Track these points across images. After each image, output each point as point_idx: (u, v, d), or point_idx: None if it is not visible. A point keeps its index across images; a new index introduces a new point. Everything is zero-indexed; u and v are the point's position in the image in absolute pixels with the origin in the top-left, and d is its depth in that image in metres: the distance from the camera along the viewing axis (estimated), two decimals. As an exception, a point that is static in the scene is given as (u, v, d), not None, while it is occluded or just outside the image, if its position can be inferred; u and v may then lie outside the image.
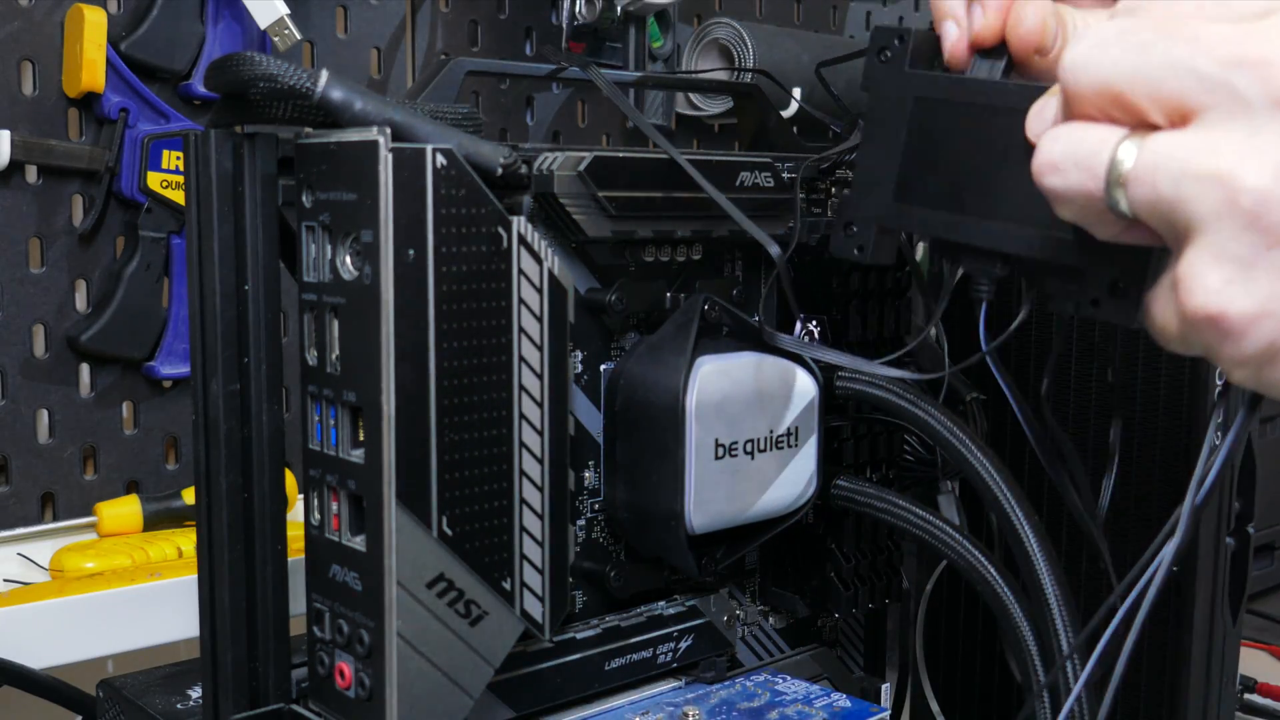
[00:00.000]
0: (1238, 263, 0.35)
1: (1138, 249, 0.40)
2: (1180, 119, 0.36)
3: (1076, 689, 0.51)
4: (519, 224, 0.50)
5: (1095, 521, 0.58)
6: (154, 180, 0.82)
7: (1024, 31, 0.48)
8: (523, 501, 0.51)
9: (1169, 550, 0.42)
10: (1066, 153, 0.38)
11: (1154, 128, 0.37)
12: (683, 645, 0.62)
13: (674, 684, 0.63)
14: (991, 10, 0.48)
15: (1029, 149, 0.40)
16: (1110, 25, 0.38)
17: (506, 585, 0.51)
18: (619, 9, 0.94)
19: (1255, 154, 0.34)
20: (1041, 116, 0.41)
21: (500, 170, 0.50)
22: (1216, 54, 0.35)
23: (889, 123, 0.50)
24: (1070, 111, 0.39)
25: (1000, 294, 0.50)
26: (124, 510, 0.81)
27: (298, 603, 0.54)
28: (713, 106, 1.06)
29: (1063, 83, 0.39)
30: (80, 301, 0.83)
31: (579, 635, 0.58)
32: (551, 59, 0.61)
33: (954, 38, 0.49)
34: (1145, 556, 0.44)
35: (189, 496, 0.82)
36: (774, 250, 0.56)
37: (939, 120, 0.49)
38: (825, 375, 0.61)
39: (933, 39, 0.51)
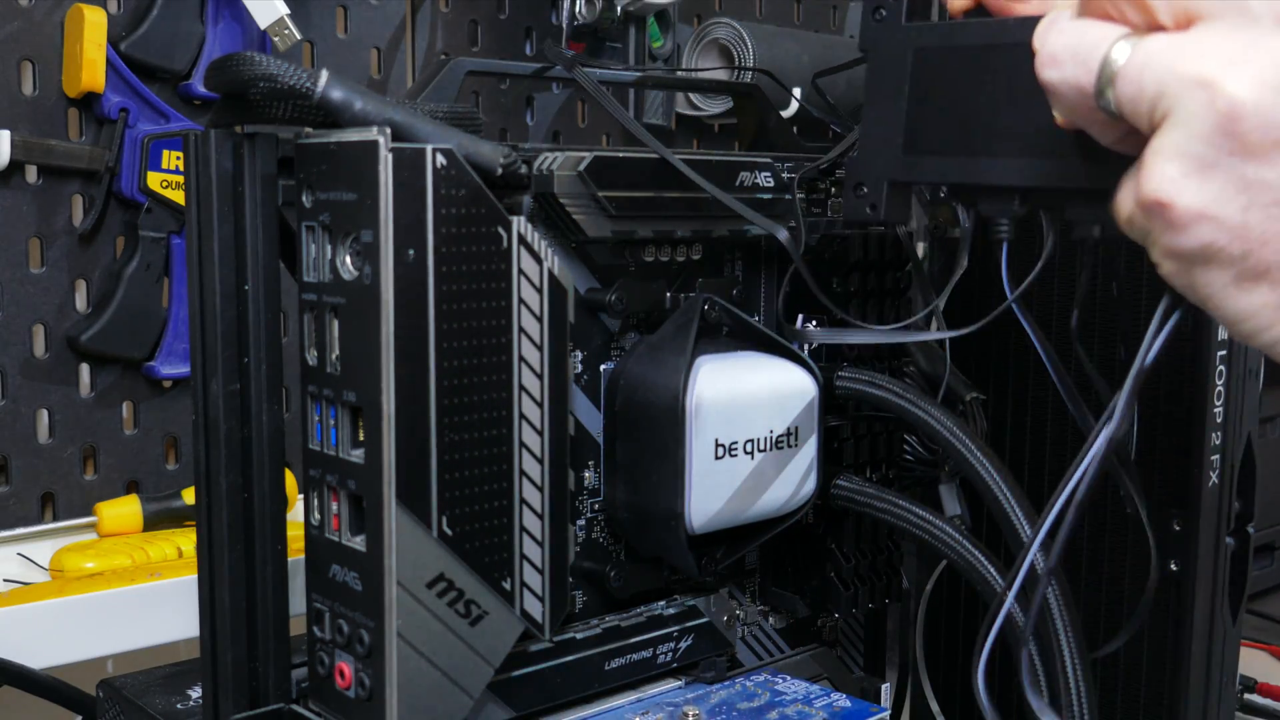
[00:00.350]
0: (1198, 161, 0.36)
1: None
2: (1185, 22, 0.37)
3: (1077, 695, 0.51)
4: (519, 224, 0.50)
5: (1129, 470, 0.58)
6: (154, 180, 0.82)
7: None
8: (523, 501, 0.51)
9: (1104, 435, 0.44)
10: (1066, 45, 0.39)
11: (1159, 31, 0.38)
12: (683, 645, 0.62)
13: (674, 684, 0.63)
14: None
15: (1033, 81, 0.41)
16: None
17: (506, 585, 0.51)
18: (619, 9, 0.94)
19: (1244, 64, 0.36)
20: (1055, 24, 0.41)
21: (500, 170, 0.50)
22: None
23: (891, 79, 0.51)
24: (1085, 7, 0.40)
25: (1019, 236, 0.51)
26: (124, 510, 0.81)
27: (298, 603, 0.54)
28: (713, 106, 1.06)
29: None
30: (80, 301, 0.83)
31: (579, 635, 0.58)
32: (554, 57, 0.61)
33: None
34: (1087, 444, 0.46)
35: (189, 496, 0.82)
36: (781, 235, 0.56)
37: (941, 68, 0.50)
38: (825, 375, 0.61)
39: None
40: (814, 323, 0.64)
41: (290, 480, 0.72)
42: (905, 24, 0.51)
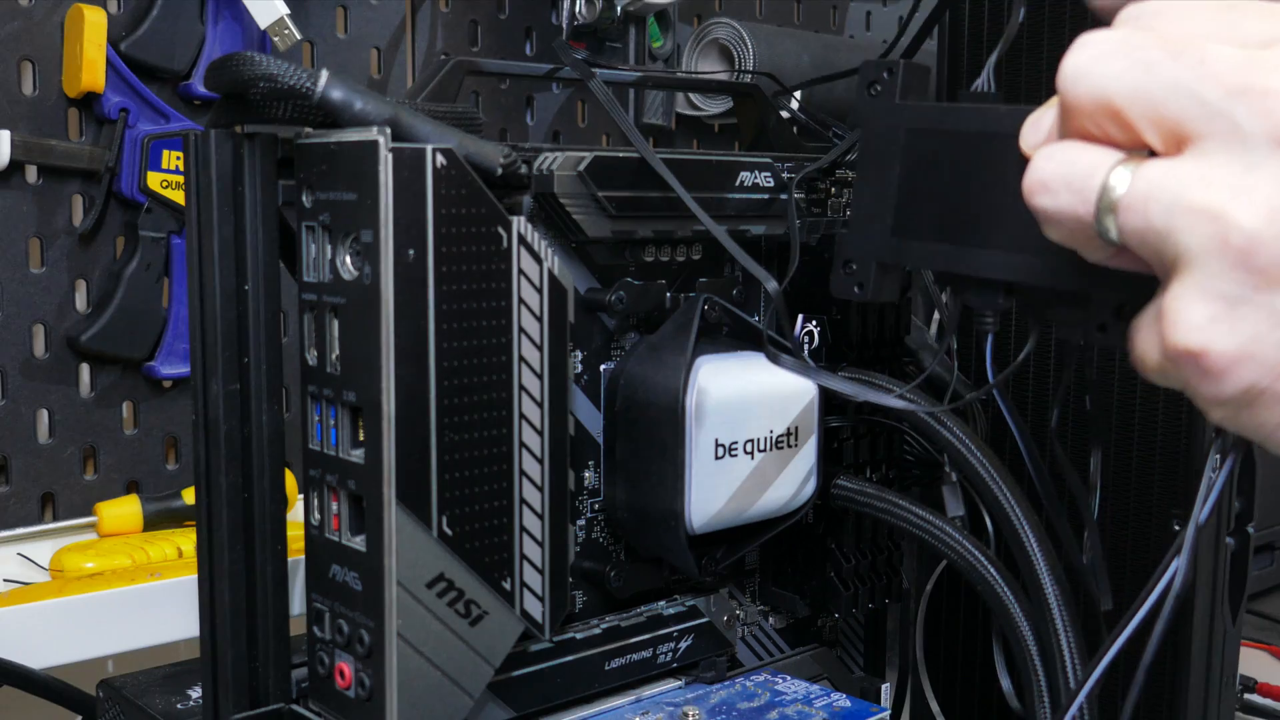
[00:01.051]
0: (1224, 300, 0.34)
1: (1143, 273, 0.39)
2: (1176, 145, 0.35)
3: (1080, 697, 0.51)
4: (519, 224, 0.50)
5: (1096, 569, 0.57)
6: (154, 180, 0.82)
7: None
8: (523, 501, 0.51)
9: (1178, 566, 0.42)
10: (1058, 173, 0.37)
11: (1149, 150, 0.36)
12: (683, 645, 0.62)
13: (674, 684, 0.63)
14: None
15: (1024, 173, 0.39)
16: (1114, 35, 0.36)
17: (506, 585, 0.51)
18: (619, 9, 0.94)
19: (1249, 190, 0.33)
20: (1037, 127, 0.40)
21: (500, 170, 0.50)
22: (1222, 80, 0.34)
23: (883, 157, 0.50)
24: (1066, 124, 0.38)
25: (1005, 323, 0.50)
26: (124, 510, 0.81)
27: (298, 603, 0.54)
28: (713, 106, 1.06)
29: (1060, 91, 0.37)
30: (80, 301, 0.83)
31: (579, 635, 0.58)
32: (563, 57, 0.61)
33: None
34: (1153, 579, 0.44)
35: (189, 496, 0.82)
36: (771, 286, 0.56)
37: (933, 151, 0.48)
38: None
39: (922, 71, 0.51)
40: (814, 323, 0.64)
41: (290, 480, 0.73)
42: (899, 102, 0.50)
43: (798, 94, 0.97)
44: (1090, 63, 0.36)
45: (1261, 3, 0.36)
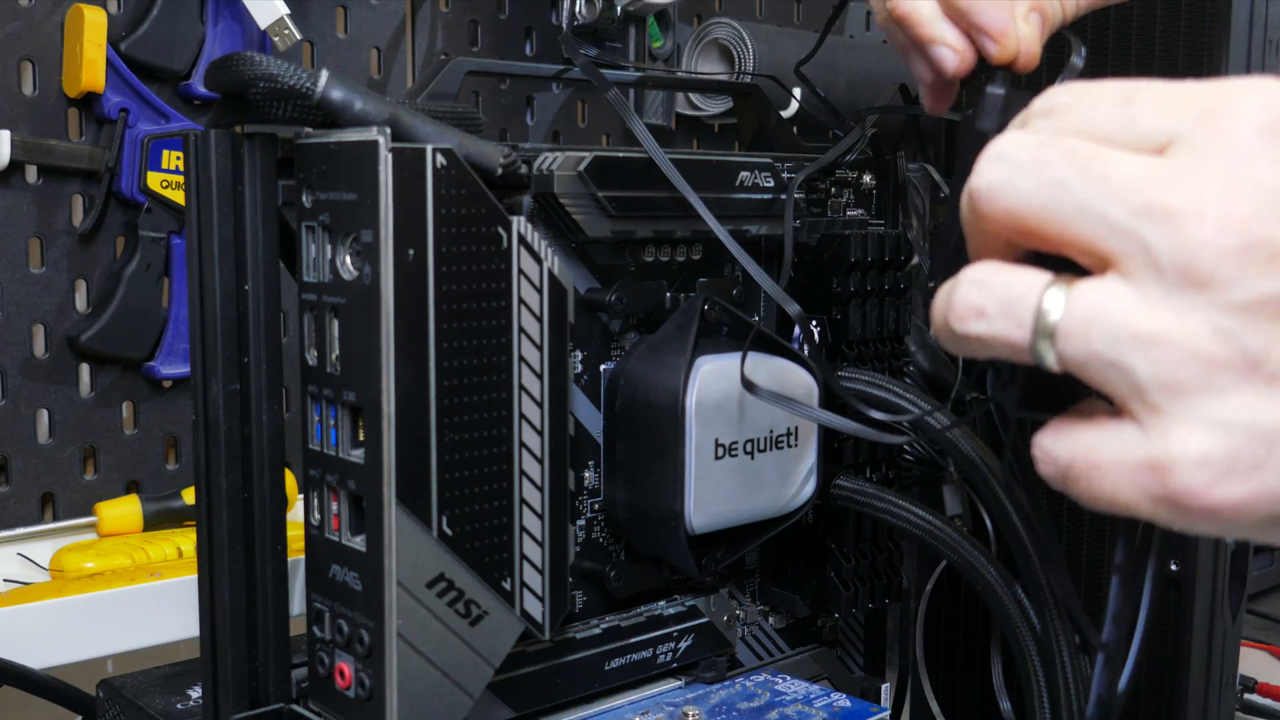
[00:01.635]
0: (1222, 428, 0.32)
1: None
2: (1098, 264, 0.34)
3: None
4: (519, 224, 0.50)
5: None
6: (154, 180, 0.82)
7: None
8: (523, 501, 0.51)
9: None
10: (991, 298, 0.35)
11: (1076, 265, 0.35)
12: (683, 645, 0.62)
13: (674, 684, 0.63)
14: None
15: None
16: (1024, 149, 0.35)
17: (506, 585, 0.51)
18: (619, 9, 0.94)
19: (1182, 315, 0.32)
20: (965, 275, 0.37)
21: (500, 170, 0.50)
22: (1126, 200, 0.33)
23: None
24: (983, 241, 0.37)
25: None
26: (124, 510, 0.81)
27: (298, 603, 0.54)
28: (713, 106, 1.06)
29: (973, 209, 0.36)
30: (80, 301, 0.83)
31: (579, 635, 0.58)
32: (570, 52, 0.61)
33: (952, 61, 0.50)
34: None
35: (189, 496, 0.82)
36: (793, 310, 0.56)
37: None
38: (825, 375, 0.61)
39: (1025, 98, 0.51)
40: (814, 322, 0.64)
41: (290, 480, 0.73)
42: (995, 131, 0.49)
43: (797, 92, 0.97)
44: (1002, 182, 0.35)
45: (1158, 88, 0.35)
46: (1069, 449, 0.36)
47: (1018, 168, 0.35)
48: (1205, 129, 0.33)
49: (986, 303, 0.35)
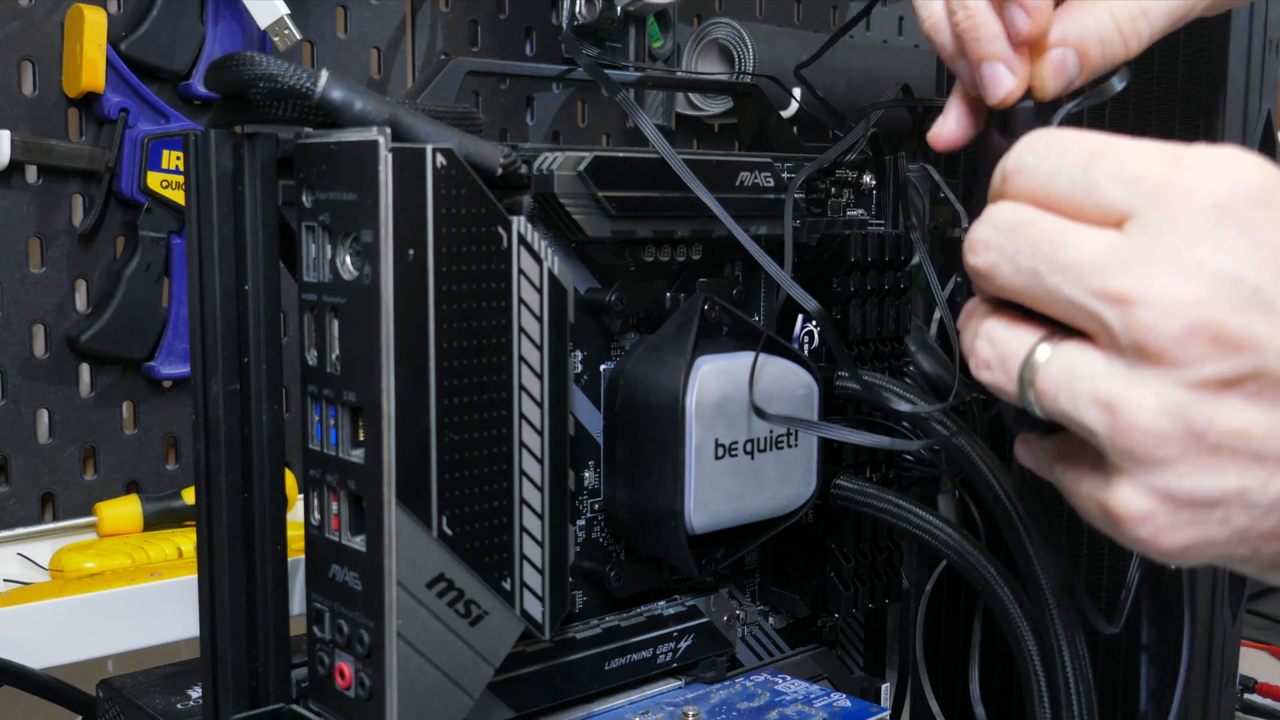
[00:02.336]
0: (1157, 495, 0.36)
1: None
2: (1078, 331, 0.38)
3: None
4: (519, 224, 0.50)
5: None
6: (154, 180, 0.82)
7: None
8: (523, 501, 0.51)
9: None
10: (988, 352, 0.40)
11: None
12: (683, 645, 0.62)
13: (674, 684, 0.63)
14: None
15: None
16: (999, 233, 0.39)
17: (506, 585, 0.51)
18: (619, 9, 0.94)
19: (1136, 388, 0.36)
20: (978, 333, 0.42)
21: (500, 170, 0.50)
22: (1086, 285, 0.36)
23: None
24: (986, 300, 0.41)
25: None
26: (124, 510, 0.81)
27: (298, 603, 0.54)
28: (713, 106, 1.06)
29: (974, 282, 0.41)
30: (80, 301, 0.83)
31: (579, 635, 0.58)
32: (571, 52, 0.61)
33: (1009, 85, 0.50)
34: None
35: (189, 496, 0.82)
36: (811, 305, 0.56)
37: None
38: (825, 375, 0.61)
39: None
40: (814, 323, 0.64)
41: (290, 480, 0.73)
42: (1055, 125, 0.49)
43: (797, 92, 0.97)
44: (987, 269, 0.40)
45: (1117, 155, 0.38)
46: (1060, 470, 0.41)
47: (998, 257, 0.39)
48: (1156, 210, 0.36)
49: (991, 357, 0.40)
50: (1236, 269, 0.35)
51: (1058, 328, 0.38)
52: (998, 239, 0.39)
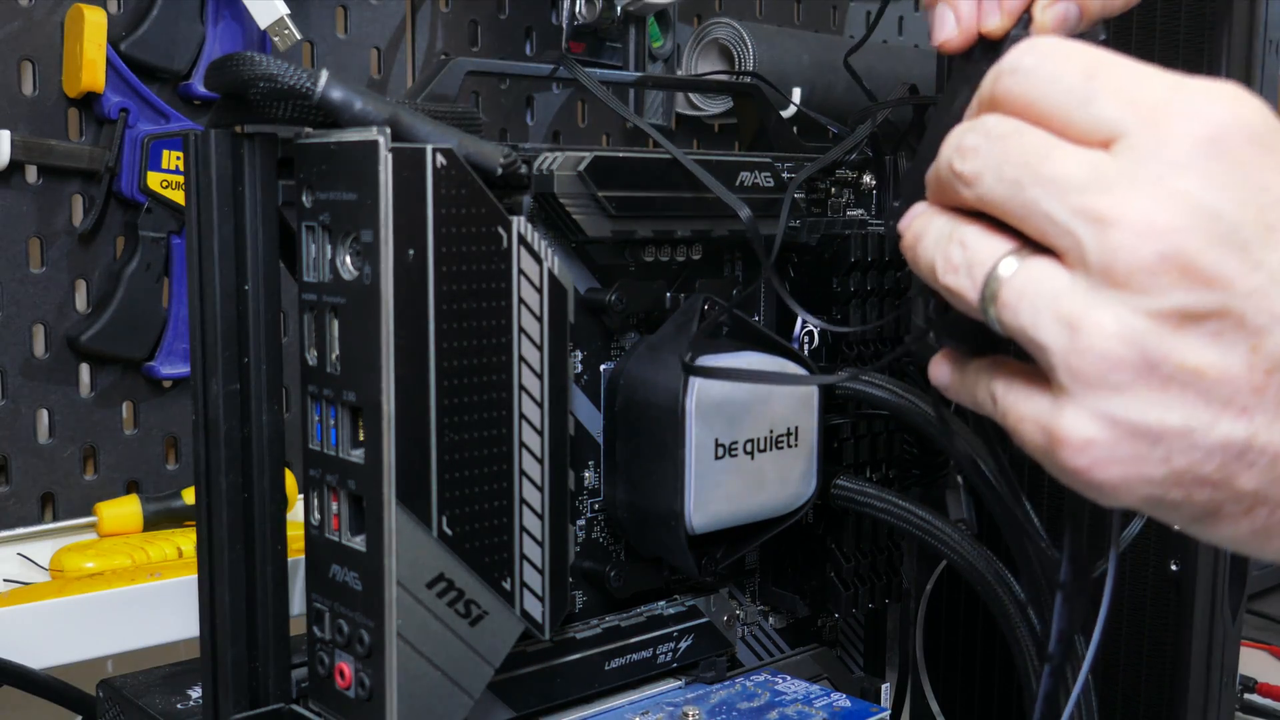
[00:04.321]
0: (1102, 419, 0.35)
1: None
2: (1048, 249, 0.37)
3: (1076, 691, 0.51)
4: (519, 224, 0.50)
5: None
6: (154, 180, 0.82)
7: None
8: (523, 501, 0.51)
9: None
10: (962, 258, 0.39)
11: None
12: (683, 645, 0.62)
13: (674, 684, 0.63)
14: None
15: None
16: (987, 139, 0.38)
17: (506, 585, 0.51)
18: (619, 9, 0.94)
19: (1097, 309, 0.35)
20: (947, 237, 0.41)
21: (500, 170, 0.50)
22: (1066, 201, 0.36)
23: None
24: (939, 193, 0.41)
25: None
26: (124, 510, 0.81)
27: (298, 603, 0.54)
28: (713, 106, 1.06)
29: (954, 187, 0.39)
30: (80, 301, 0.83)
31: (579, 635, 0.58)
32: (550, 60, 0.61)
33: (948, 32, 0.48)
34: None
35: (189, 496, 0.82)
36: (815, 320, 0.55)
37: None
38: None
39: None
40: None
41: (290, 480, 0.73)
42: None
43: (796, 92, 0.97)
44: (971, 176, 0.38)
45: (1119, 72, 0.37)
46: (1000, 388, 0.40)
47: (983, 165, 0.38)
48: (1148, 133, 0.35)
49: (960, 261, 0.39)
50: (1218, 204, 0.34)
51: (1030, 243, 0.38)
52: (986, 146, 0.38)
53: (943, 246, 0.39)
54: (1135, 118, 0.36)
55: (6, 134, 0.77)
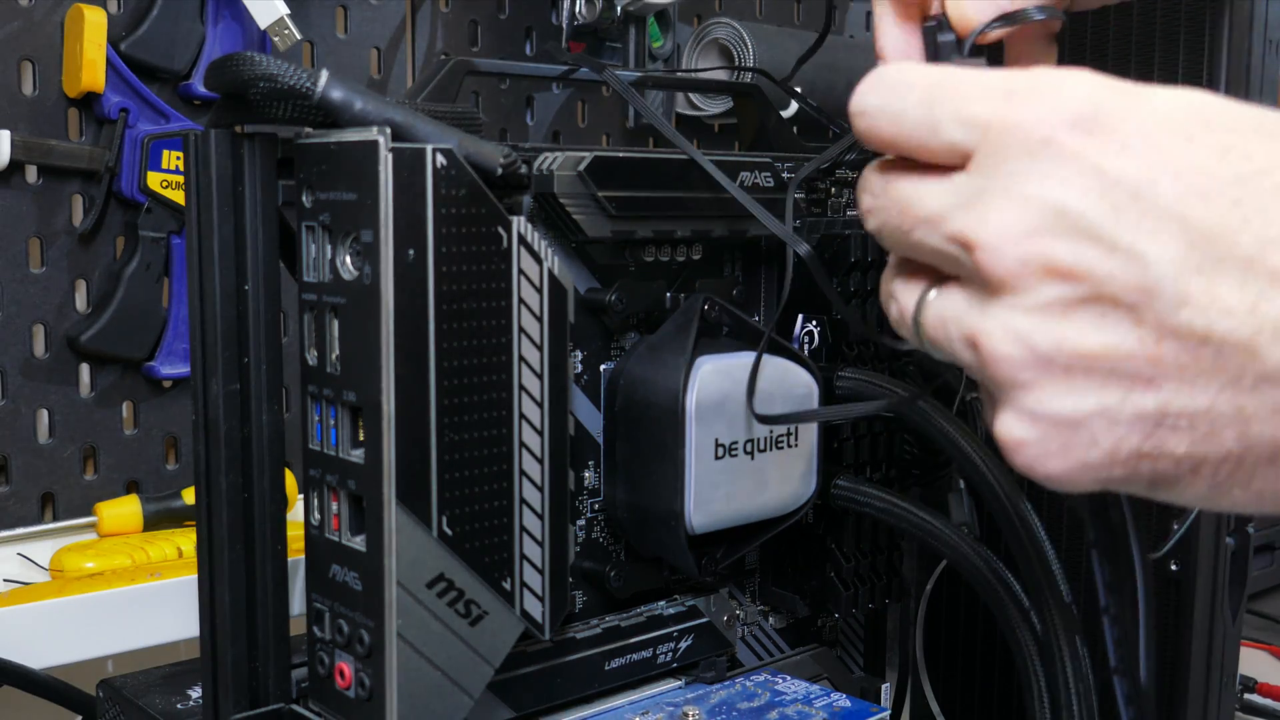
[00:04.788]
0: (1031, 417, 0.37)
1: None
2: (945, 276, 0.40)
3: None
4: (519, 224, 0.50)
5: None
6: (154, 180, 0.82)
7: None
8: (523, 501, 0.51)
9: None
10: (896, 309, 0.42)
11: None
12: (683, 645, 0.62)
13: (674, 684, 0.63)
14: None
15: None
16: (868, 195, 0.41)
17: (506, 585, 0.51)
18: (619, 9, 0.94)
19: (988, 319, 0.37)
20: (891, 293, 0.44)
21: (500, 170, 0.50)
22: (940, 231, 0.38)
23: None
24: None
25: None
26: (124, 510, 0.81)
27: (298, 603, 0.54)
28: (713, 106, 1.06)
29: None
30: (80, 301, 0.83)
31: (579, 635, 0.58)
32: (559, 58, 0.61)
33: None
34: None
35: (189, 496, 0.82)
36: (803, 250, 0.56)
37: None
38: (825, 375, 0.61)
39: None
40: (814, 323, 0.64)
41: (290, 480, 0.73)
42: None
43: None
44: (875, 232, 0.42)
45: (955, 94, 0.39)
46: (981, 412, 0.44)
47: (880, 221, 0.41)
48: (989, 147, 0.38)
49: (896, 314, 0.42)
50: (1061, 198, 0.36)
51: (944, 276, 0.40)
52: (876, 203, 0.41)
53: (886, 304, 0.43)
54: (976, 136, 0.38)
55: (6, 134, 0.77)
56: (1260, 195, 0.35)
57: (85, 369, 0.83)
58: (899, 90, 0.40)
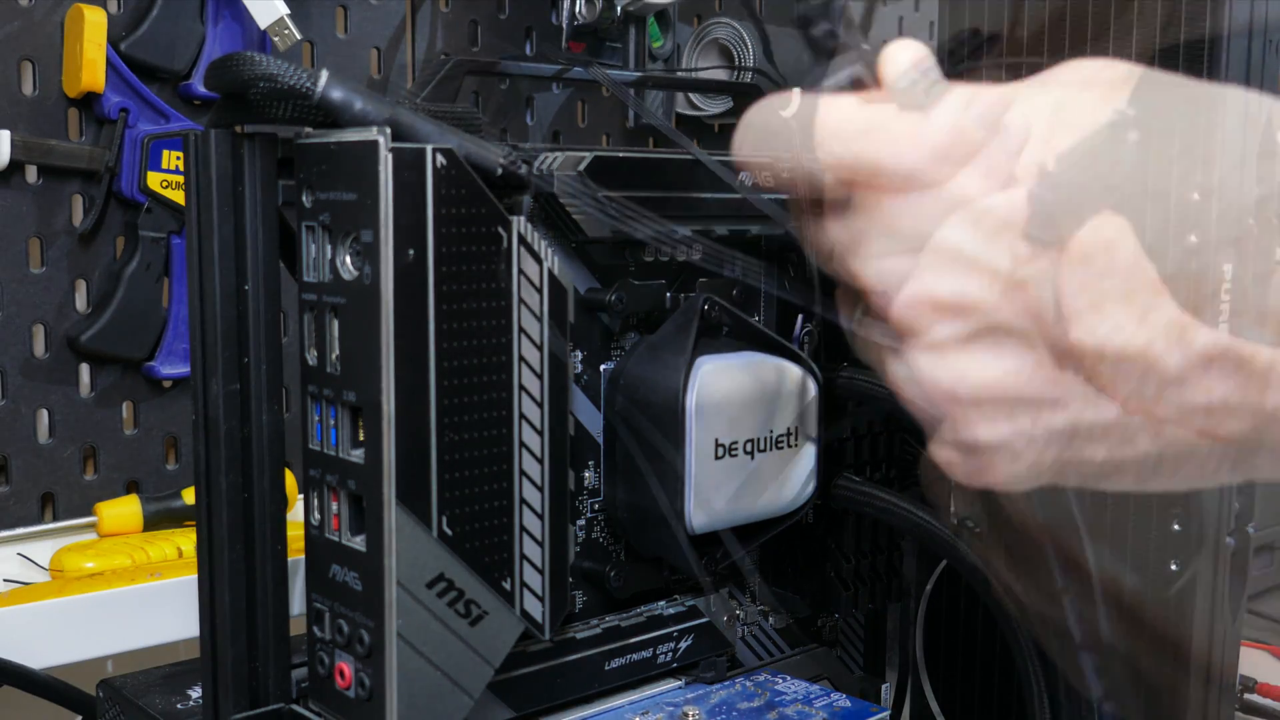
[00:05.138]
0: (950, 447, 0.40)
1: None
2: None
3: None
4: (519, 224, 0.50)
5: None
6: (154, 180, 0.82)
7: None
8: (523, 501, 0.51)
9: None
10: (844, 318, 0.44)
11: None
12: (683, 645, 0.62)
13: (674, 684, 0.63)
14: None
15: None
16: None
17: (506, 585, 0.51)
18: (619, 9, 0.94)
19: (896, 363, 0.40)
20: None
21: (500, 170, 0.50)
22: (842, 267, 0.40)
23: None
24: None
25: None
26: (124, 510, 0.81)
27: (298, 603, 0.54)
28: (713, 106, 1.06)
29: None
30: (80, 301, 0.83)
31: (579, 635, 0.58)
32: (554, 58, 0.61)
33: None
34: None
35: (189, 496, 0.82)
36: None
37: None
38: (825, 375, 0.61)
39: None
40: (814, 323, 0.64)
41: (290, 480, 0.73)
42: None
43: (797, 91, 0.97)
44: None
45: (831, 128, 0.40)
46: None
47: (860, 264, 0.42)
48: (868, 202, 0.39)
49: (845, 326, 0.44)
50: (940, 236, 0.36)
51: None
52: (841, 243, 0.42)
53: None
54: (858, 195, 0.39)
55: (6, 134, 0.77)
56: None
57: (85, 369, 0.83)
58: (825, 128, 0.41)
